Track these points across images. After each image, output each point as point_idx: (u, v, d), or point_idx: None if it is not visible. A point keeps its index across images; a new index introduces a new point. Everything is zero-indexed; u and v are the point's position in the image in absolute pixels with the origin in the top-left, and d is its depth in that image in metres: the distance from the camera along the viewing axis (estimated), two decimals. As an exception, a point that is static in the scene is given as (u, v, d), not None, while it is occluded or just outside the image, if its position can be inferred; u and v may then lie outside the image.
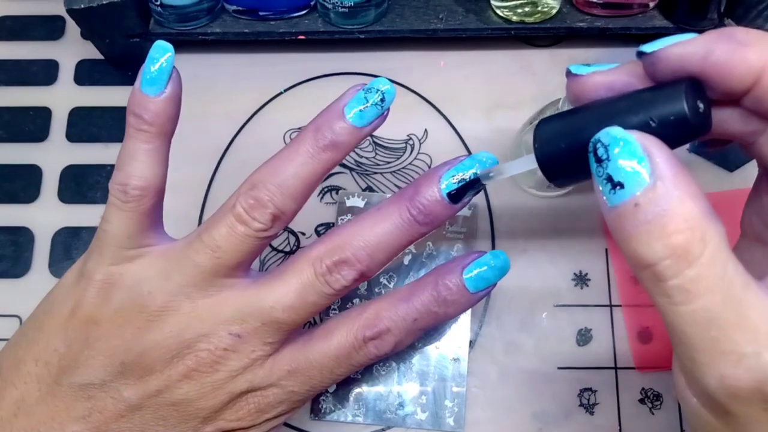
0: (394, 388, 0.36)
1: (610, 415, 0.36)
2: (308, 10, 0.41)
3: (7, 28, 0.45)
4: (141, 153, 0.27)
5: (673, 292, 0.19)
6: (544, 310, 0.38)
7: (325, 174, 0.27)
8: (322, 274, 0.26)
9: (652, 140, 0.20)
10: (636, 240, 0.19)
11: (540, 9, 0.40)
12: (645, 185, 0.19)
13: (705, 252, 0.18)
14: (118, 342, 0.26)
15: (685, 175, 0.19)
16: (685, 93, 0.20)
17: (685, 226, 0.19)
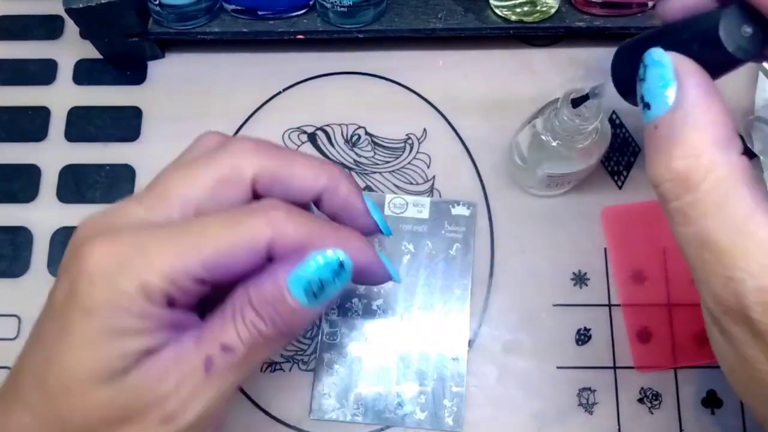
0: (394, 388, 0.36)
1: (609, 414, 0.36)
2: (307, 9, 0.41)
3: (6, 28, 0.45)
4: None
5: (673, 213, 0.20)
6: (543, 310, 0.38)
7: None
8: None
9: (687, 65, 0.21)
10: (650, 160, 0.21)
11: (539, 8, 0.40)
12: (667, 108, 0.20)
13: (707, 179, 0.19)
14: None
15: (711, 101, 0.20)
16: (723, 18, 0.21)
17: (690, 153, 0.20)
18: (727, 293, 0.20)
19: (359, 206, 0.28)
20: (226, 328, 0.24)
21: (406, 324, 0.37)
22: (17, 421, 0.24)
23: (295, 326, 0.24)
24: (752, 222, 0.19)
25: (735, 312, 0.20)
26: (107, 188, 0.41)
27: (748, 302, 0.20)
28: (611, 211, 0.39)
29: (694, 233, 0.20)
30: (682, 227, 0.20)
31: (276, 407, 0.36)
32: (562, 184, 0.38)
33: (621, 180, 0.40)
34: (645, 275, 0.38)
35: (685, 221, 0.20)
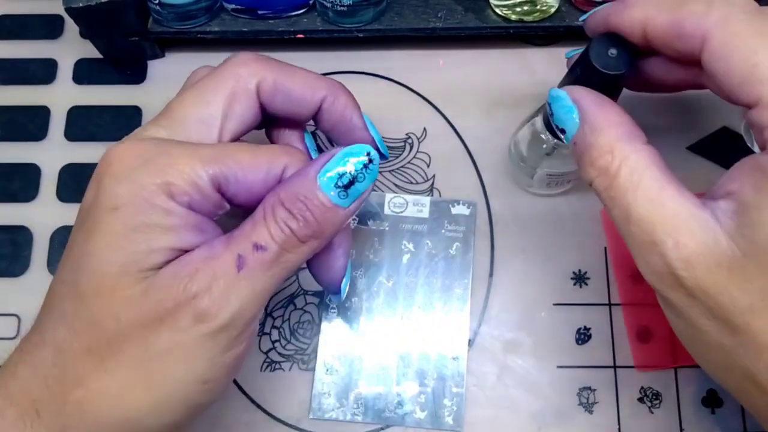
0: (394, 388, 0.36)
1: (609, 414, 0.36)
2: (307, 8, 0.41)
3: (6, 27, 0.45)
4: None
5: (606, 201, 0.25)
6: (543, 309, 0.38)
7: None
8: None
9: (577, 90, 0.26)
10: (580, 167, 0.26)
11: (539, 8, 0.40)
12: (576, 127, 0.26)
13: (622, 167, 0.24)
14: None
15: (606, 110, 0.25)
16: (591, 47, 0.27)
17: (604, 151, 0.25)
18: (655, 258, 0.23)
19: (357, 120, 0.30)
20: (258, 228, 0.24)
21: (406, 323, 0.37)
22: (52, 335, 0.24)
23: (326, 226, 0.25)
24: (663, 195, 0.23)
25: (666, 276, 0.23)
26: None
27: (671, 260, 0.23)
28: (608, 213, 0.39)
29: (621, 211, 0.24)
30: (613, 210, 0.25)
31: (276, 406, 0.36)
32: (562, 184, 0.38)
33: (621, 179, 0.40)
34: (645, 275, 0.38)
35: (614, 204, 0.24)
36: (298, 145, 0.30)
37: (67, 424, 0.23)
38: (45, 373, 0.23)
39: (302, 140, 0.31)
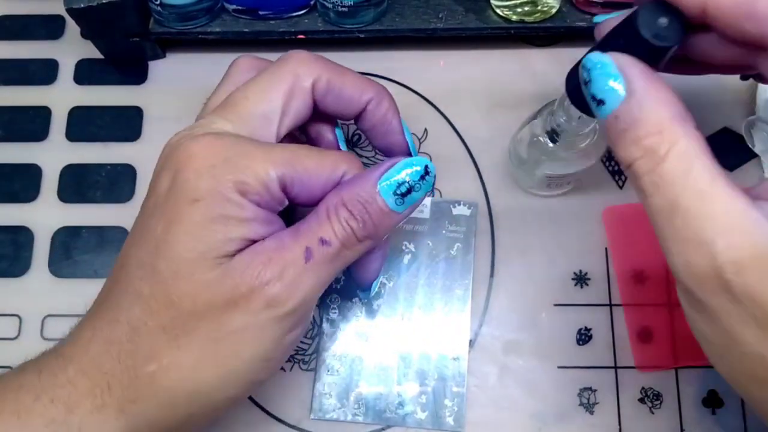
0: (394, 388, 0.36)
1: (610, 414, 0.36)
2: (308, 9, 0.41)
3: (7, 28, 0.45)
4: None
5: (646, 186, 0.22)
6: (543, 310, 0.38)
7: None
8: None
9: (625, 58, 0.23)
10: (619, 145, 0.23)
11: (540, 8, 0.40)
12: (621, 99, 0.23)
13: (672, 150, 0.22)
14: None
15: (657, 85, 0.23)
16: (640, 13, 0.24)
17: (654, 130, 0.22)
18: (699, 257, 0.21)
19: (396, 124, 0.32)
20: (322, 225, 0.26)
21: (406, 324, 0.37)
22: (127, 314, 0.26)
23: (381, 228, 0.27)
24: (715, 187, 0.21)
25: (710, 278, 0.21)
26: (108, 188, 0.41)
27: (720, 262, 0.21)
28: (612, 211, 0.39)
29: (665, 201, 0.22)
30: (654, 198, 0.22)
31: (276, 407, 0.36)
32: (562, 185, 0.38)
33: (622, 180, 0.40)
34: (646, 275, 0.38)
35: (656, 191, 0.22)
36: (329, 135, 0.33)
37: (138, 395, 0.25)
38: (118, 349, 0.25)
39: (333, 132, 0.33)
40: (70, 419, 0.25)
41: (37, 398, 0.25)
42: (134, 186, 0.41)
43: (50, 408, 0.25)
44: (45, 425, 0.25)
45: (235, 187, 0.25)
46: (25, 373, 0.26)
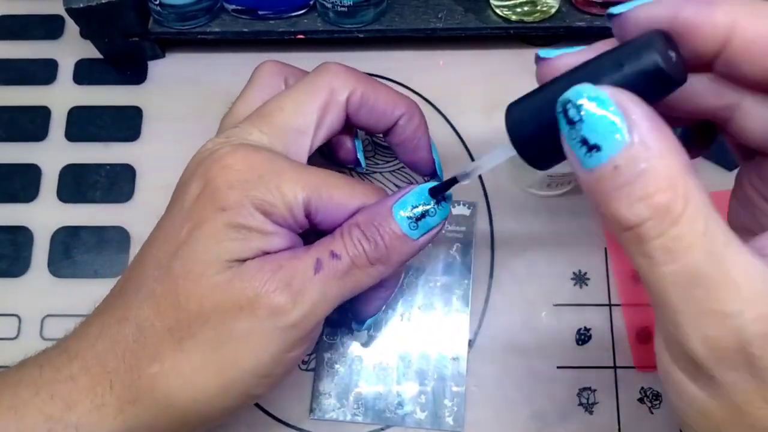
0: (394, 388, 0.36)
1: (610, 414, 0.36)
2: (307, 9, 0.41)
3: (7, 28, 0.45)
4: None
5: (656, 252, 0.18)
6: (543, 310, 0.38)
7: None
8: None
9: (626, 95, 0.19)
10: (617, 202, 0.19)
11: (539, 8, 0.40)
12: (623, 145, 0.18)
13: (687, 209, 0.18)
14: None
15: (664, 129, 0.19)
16: (656, 42, 0.20)
17: (666, 185, 0.18)
18: (724, 332, 0.18)
19: (425, 141, 0.32)
20: (335, 240, 0.27)
21: (406, 324, 0.37)
22: (136, 313, 0.26)
23: (393, 253, 0.27)
24: (731, 250, 0.18)
25: (733, 353, 0.18)
26: (108, 188, 0.41)
27: (748, 336, 0.18)
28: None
29: (681, 269, 0.18)
30: (667, 266, 0.18)
31: (276, 407, 0.36)
32: (563, 184, 0.38)
33: (621, 180, 0.40)
34: (645, 275, 0.38)
35: (671, 258, 0.18)
36: (348, 144, 0.33)
37: (138, 397, 0.25)
38: (124, 348, 0.26)
39: (353, 141, 0.33)
40: (68, 417, 0.25)
41: (36, 393, 0.25)
42: (134, 186, 0.41)
43: (48, 404, 0.25)
44: (43, 422, 0.25)
45: (261, 206, 0.26)
46: (26, 367, 0.26)
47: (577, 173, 0.20)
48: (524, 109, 0.23)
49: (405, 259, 0.28)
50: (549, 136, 0.21)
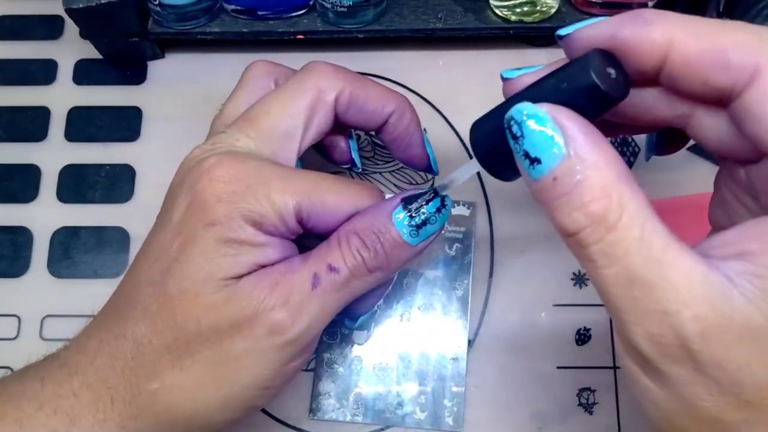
0: (393, 388, 0.36)
1: (609, 414, 0.36)
2: (307, 9, 0.41)
3: (6, 28, 0.45)
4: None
5: (596, 256, 0.20)
6: (543, 310, 0.38)
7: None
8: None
9: (562, 111, 0.20)
10: (558, 211, 0.20)
11: (539, 8, 0.40)
12: (560, 158, 0.20)
13: (622, 216, 0.19)
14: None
15: (599, 141, 0.20)
16: (591, 60, 0.21)
17: (601, 194, 0.19)
18: (663, 329, 0.19)
19: (417, 136, 0.32)
20: (333, 251, 0.26)
21: (406, 324, 0.37)
22: (133, 330, 0.26)
23: (393, 260, 0.27)
24: (670, 252, 0.19)
25: (673, 348, 0.19)
26: (107, 188, 0.41)
27: (686, 333, 0.19)
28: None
29: (620, 272, 0.20)
30: (606, 269, 0.20)
31: (276, 407, 0.36)
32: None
33: (621, 180, 0.40)
34: (645, 275, 0.38)
35: (609, 262, 0.20)
36: (342, 144, 0.33)
37: (140, 412, 0.25)
38: (123, 365, 0.25)
39: (347, 141, 0.33)
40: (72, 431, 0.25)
41: (39, 407, 0.25)
42: (133, 186, 0.41)
43: (53, 418, 0.25)
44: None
45: (251, 217, 0.25)
46: (26, 380, 0.26)
47: (527, 184, 0.22)
48: (484, 126, 0.24)
49: (403, 264, 0.28)
50: (506, 150, 0.22)
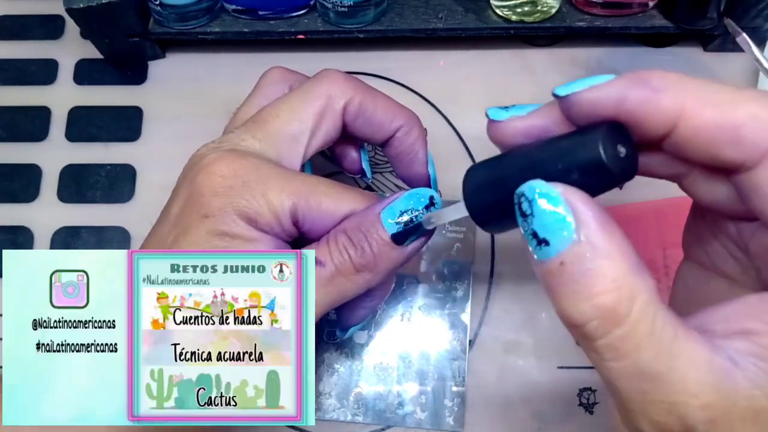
0: (394, 388, 0.36)
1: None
2: (308, 9, 0.41)
3: (7, 28, 0.45)
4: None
5: (602, 350, 0.19)
6: (543, 310, 0.38)
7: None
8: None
9: (575, 193, 0.19)
10: (563, 299, 0.19)
11: (539, 8, 0.40)
12: (570, 242, 0.19)
13: (633, 310, 0.18)
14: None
15: (612, 229, 0.19)
16: (602, 140, 0.19)
17: (612, 286, 0.18)
18: (670, 419, 0.19)
19: (422, 155, 0.31)
20: (321, 248, 0.26)
21: (406, 324, 0.37)
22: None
23: (380, 260, 0.26)
24: (678, 341, 0.19)
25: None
26: (108, 188, 0.41)
27: (693, 422, 0.18)
28: (611, 212, 0.39)
29: (629, 367, 0.19)
30: (614, 363, 0.19)
31: (276, 407, 0.36)
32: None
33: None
34: (645, 275, 0.38)
35: (618, 356, 0.19)
36: (354, 154, 0.33)
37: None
38: None
39: (358, 151, 0.33)
40: None
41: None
42: (134, 186, 0.41)
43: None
44: None
45: (244, 213, 0.25)
46: None
47: (531, 264, 0.20)
48: (480, 181, 0.24)
49: (393, 267, 0.27)
50: (499, 211, 0.22)
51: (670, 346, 0.18)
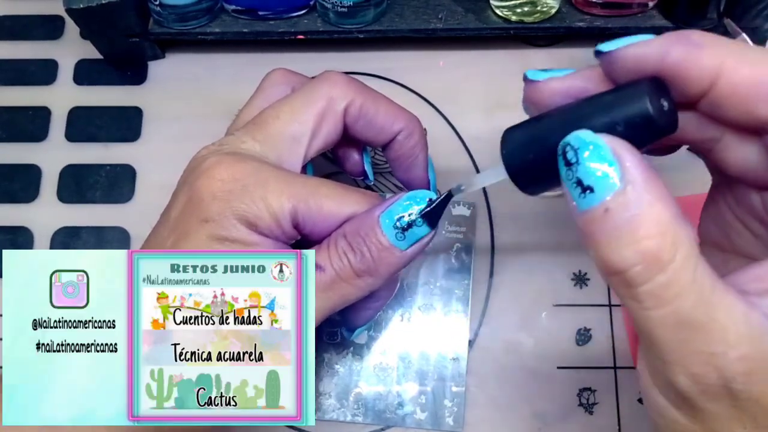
0: (394, 388, 0.36)
1: (610, 414, 0.36)
2: (307, 9, 0.41)
3: (7, 28, 0.45)
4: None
5: (644, 297, 0.19)
6: (543, 310, 0.38)
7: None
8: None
9: (621, 143, 0.20)
10: (606, 246, 0.19)
11: (539, 9, 0.40)
12: (615, 189, 0.19)
13: (676, 257, 0.18)
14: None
15: (655, 178, 0.19)
16: (648, 93, 0.20)
17: (656, 231, 0.19)
18: (708, 369, 0.19)
19: (422, 159, 0.31)
20: (321, 252, 0.26)
21: (406, 324, 0.37)
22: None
23: (381, 264, 0.26)
24: (716, 294, 0.19)
25: (716, 387, 0.19)
26: (108, 188, 0.41)
27: (731, 373, 0.19)
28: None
29: (669, 315, 0.19)
30: (654, 311, 0.19)
31: (276, 407, 0.36)
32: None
33: (621, 180, 0.40)
34: (645, 275, 0.38)
35: (659, 303, 0.19)
36: (356, 156, 0.33)
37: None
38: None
39: (360, 154, 0.33)
40: None
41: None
42: (134, 186, 0.41)
43: None
44: None
45: (244, 217, 0.25)
46: None
47: (572, 214, 0.20)
48: (520, 140, 0.24)
49: (394, 270, 0.27)
50: (541, 169, 0.22)
51: (710, 297, 0.19)
